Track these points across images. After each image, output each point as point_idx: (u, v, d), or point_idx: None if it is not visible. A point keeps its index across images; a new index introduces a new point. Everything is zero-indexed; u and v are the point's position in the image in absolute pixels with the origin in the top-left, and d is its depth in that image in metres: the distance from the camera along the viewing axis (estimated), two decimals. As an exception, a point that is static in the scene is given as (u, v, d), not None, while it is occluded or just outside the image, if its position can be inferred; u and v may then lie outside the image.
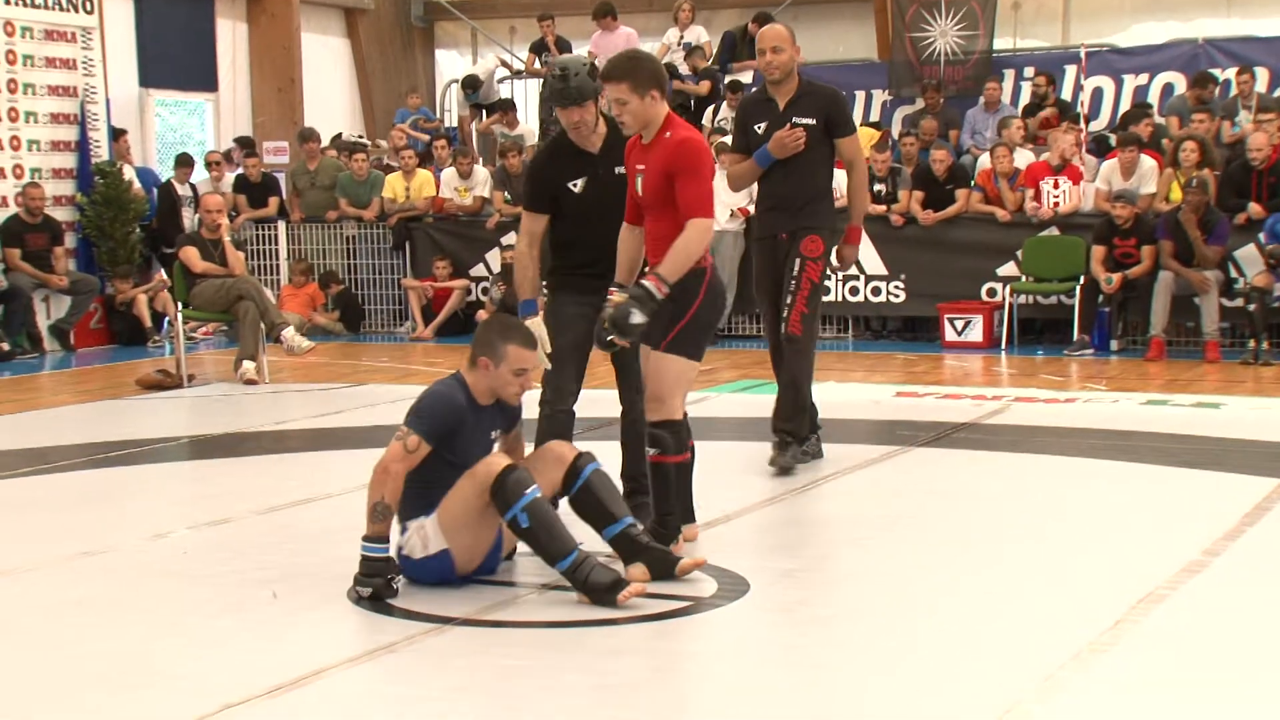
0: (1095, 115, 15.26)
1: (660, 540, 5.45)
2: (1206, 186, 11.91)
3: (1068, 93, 15.45)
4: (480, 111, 18.19)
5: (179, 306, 11.55)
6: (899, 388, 10.41)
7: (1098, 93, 15.52)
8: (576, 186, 5.99)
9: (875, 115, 16.22)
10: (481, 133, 17.75)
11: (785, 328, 7.26)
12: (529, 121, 17.53)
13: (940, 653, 4.55)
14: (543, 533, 5.03)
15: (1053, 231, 12.89)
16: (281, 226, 15.43)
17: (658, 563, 5.26)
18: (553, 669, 4.42)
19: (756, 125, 7.42)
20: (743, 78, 15.64)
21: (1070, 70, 15.52)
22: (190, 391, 10.95)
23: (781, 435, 7.33)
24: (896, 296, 13.51)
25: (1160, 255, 11.93)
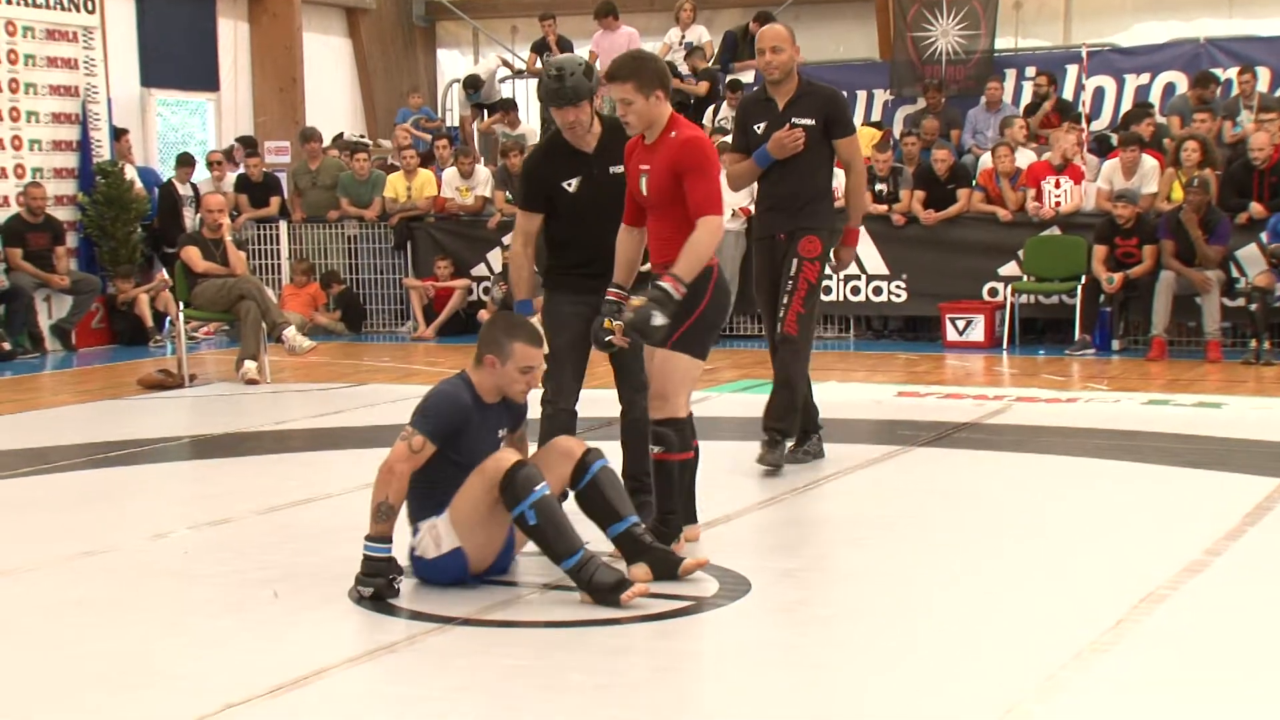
0: (1097, 115, 15.25)
1: (662, 539, 5.46)
2: (1208, 186, 11.90)
3: (1069, 92, 15.45)
4: (482, 111, 18.19)
5: (180, 306, 11.55)
6: (900, 387, 10.41)
7: (1099, 92, 15.52)
8: (571, 186, 5.99)
9: (877, 115, 16.23)
10: (483, 132, 17.75)
11: (781, 328, 7.26)
12: (530, 121, 17.53)
13: (940, 652, 4.55)
14: (550, 530, 5.02)
15: (1054, 231, 12.88)
16: (283, 226, 15.42)
17: (660, 563, 5.26)
18: (554, 669, 4.41)
19: (756, 125, 7.41)
20: (744, 77, 15.64)
21: (1072, 70, 15.51)
22: (191, 391, 10.95)
23: (771, 433, 7.33)
24: (898, 296, 13.51)
25: (1162, 255, 11.93)
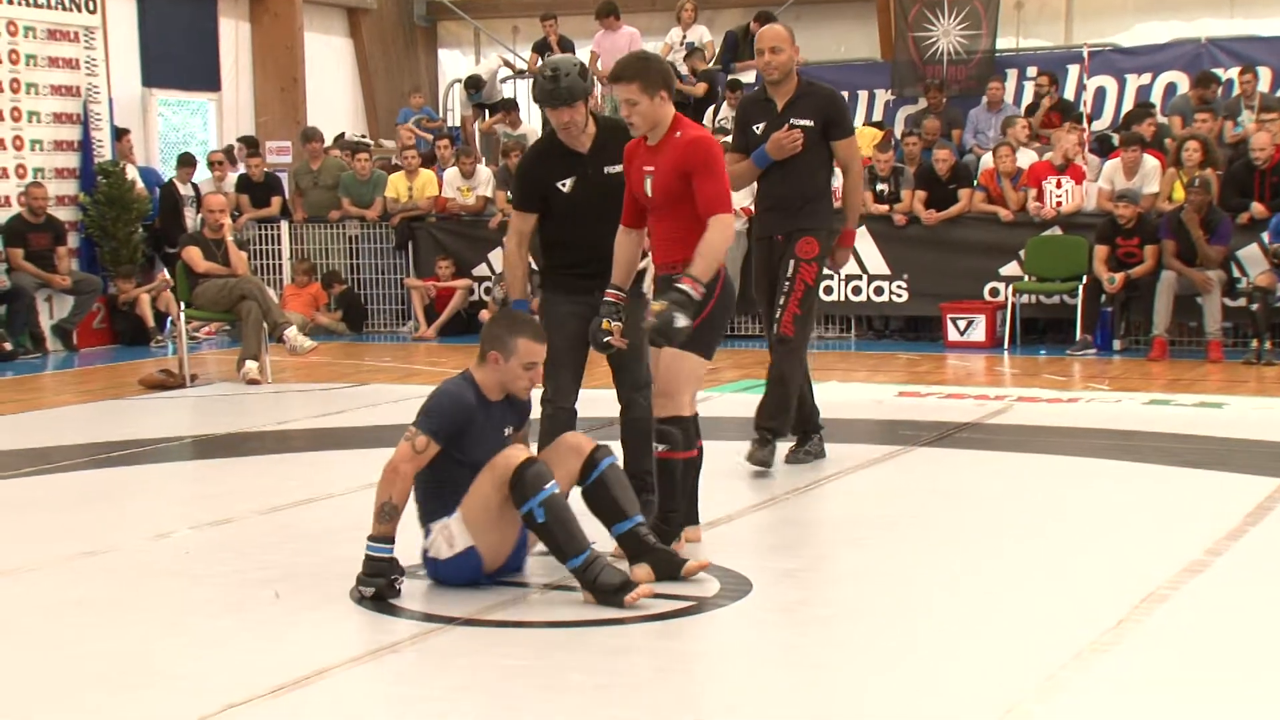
0: (1098, 115, 15.24)
1: (663, 537, 5.46)
2: (1209, 186, 11.90)
3: (1070, 92, 15.44)
4: (483, 111, 18.19)
5: (181, 306, 11.56)
6: (901, 387, 10.41)
7: (1100, 92, 15.51)
8: (565, 186, 5.99)
9: (878, 115, 16.22)
10: (484, 132, 17.75)
11: (777, 328, 7.26)
12: (531, 121, 17.53)
13: (940, 652, 4.55)
14: (558, 529, 5.01)
15: (1055, 231, 12.88)
16: (284, 226, 15.41)
17: (663, 564, 5.26)
18: (554, 669, 4.41)
19: (755, 125, 7.41)
20: (745, 77, 15.63)
21: (1073, 70, 15.50)
22: (193, 391, 10.95)
23: (762, 432, 7.33)
24: (899, 296, 13.51)
25: (1163, 255, 11.93)
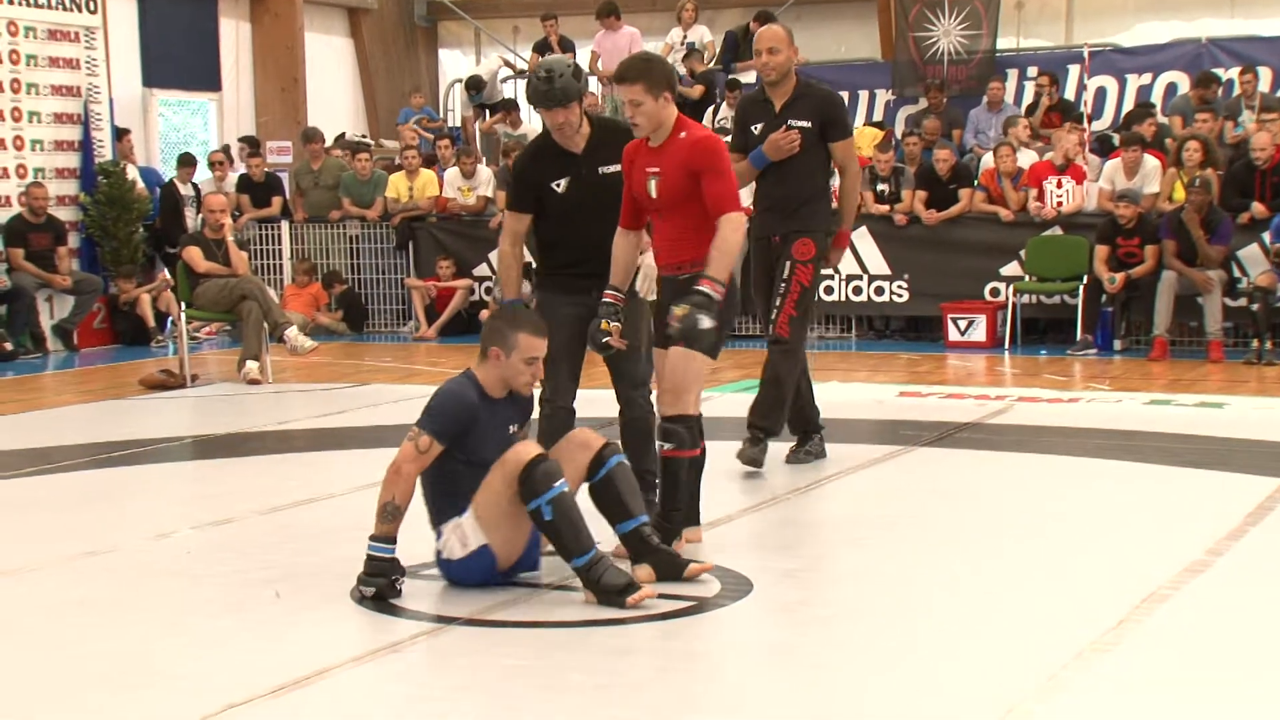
0: (1099, 115, 15.24)
1: (664, 535, 5.46)
2: (1210, 186, 11.90)
3: (1071, 92, 15.44)
4: (483, 111, 18.20)
5: (182, 306, 11.56)
6: (902, 387, 10.41)
7: (1101, 92, 15.51)
8: (560, 186, 5.98)
9: (878, 115, 16.22)
10: (485, 132, 17.76)
11: (773, 329, 7.26)
12: (532, 121, 17.52)
13: (940, 652, 4.55)
14: (565, 527, 5.01)
15: (1056, 231, 12.88)
16: (285, 226, 15.42)
17: (666, 565, 5.26)
18: (555, 669, 4.41)
19: (753, 125, 7.41)
20: (745, 77, 15.63)
21: (1074, 70, 15.50)
22: (193, 391, 10.96)
23: (754, 431, 7.33)
24: (900, 296, 13.51)
25: (1163, 255, 11.93)
